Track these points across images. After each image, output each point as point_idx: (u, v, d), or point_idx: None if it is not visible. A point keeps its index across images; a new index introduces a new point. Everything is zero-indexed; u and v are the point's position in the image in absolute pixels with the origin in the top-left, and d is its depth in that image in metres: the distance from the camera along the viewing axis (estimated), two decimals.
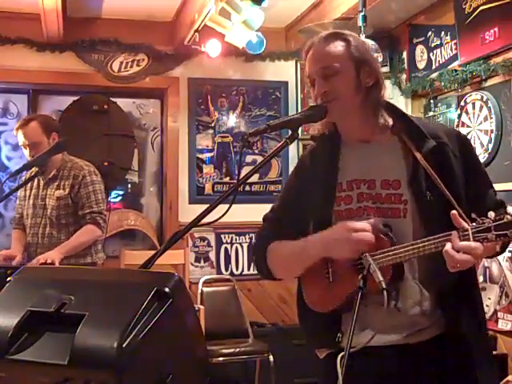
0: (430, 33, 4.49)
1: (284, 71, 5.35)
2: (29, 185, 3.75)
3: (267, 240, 1.93)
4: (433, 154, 1.75)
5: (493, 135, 3.87)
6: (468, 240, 1.57)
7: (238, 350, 4.45)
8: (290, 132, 1.68)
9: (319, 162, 1.90)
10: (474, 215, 1.59)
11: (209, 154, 5.26)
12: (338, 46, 1.80)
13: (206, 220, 1.54)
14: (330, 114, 1.78)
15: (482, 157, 3.90)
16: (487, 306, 3.84)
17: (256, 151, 5.31)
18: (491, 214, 1.55)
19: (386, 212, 1.77)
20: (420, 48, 4.62)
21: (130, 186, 5.43)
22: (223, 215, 1.54)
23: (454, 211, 1.60)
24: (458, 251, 1.56)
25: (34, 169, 3.61)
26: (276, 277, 1.95)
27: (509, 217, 1.53)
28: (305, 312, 1.90)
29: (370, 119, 1.83)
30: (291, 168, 2.01)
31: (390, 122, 1.83)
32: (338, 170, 1.85)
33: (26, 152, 3.64)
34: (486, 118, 3.93)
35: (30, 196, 3.73)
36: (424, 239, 1.64)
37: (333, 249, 1.72)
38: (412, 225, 1.74)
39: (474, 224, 1.57)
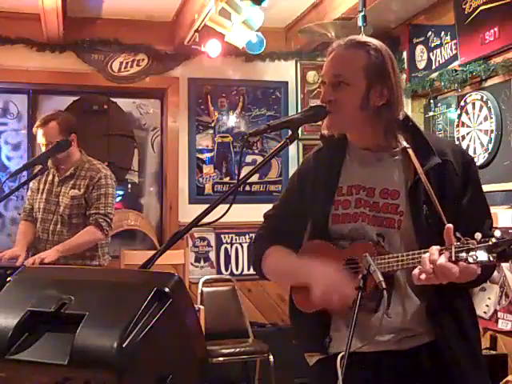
0: (430, 33, 4.49)
1: (284, 71, 5.35)
2: (43, 179, 3.73)
3: (265, 240, 1.95)
4: (435, 170, 1.73)
5: (493, 135, 3.87)
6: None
7: (237, 350, 4.46)
8: (290, 132, 1.67)
9: (323, 164, 1.89)
10: (458, 234, 1.56)
11: (209, 154, 5.26)
12: (356, 57, 1.75)
13: (206, 220, 1.54)
14: (329, 124, 1.77)
15: (482, 157, 3.90)
16: (487, 306, 3.84)
17: (256, 151, 5.30)
18: (478, 235, 1.51)
19: (382, 221, 1.76)
20: (420, 48, 4.62)
21: (129, 186, 5.43)
22: (223, 215, 1.54)
23: (449, 224, 1.57)
24: (431, 263, 1.53)
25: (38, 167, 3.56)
26: (268, 279, 2.00)
27: (493, 240, 1.49)
28: (294, 313, 1.91)
29: (380, 137, 1.78)
30: (291, 168, 2.02)
31: (404, 143, 1.77)
32: (340, 174, 1.85)
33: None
34: (485, 118, 3.93)
35: (43, 190, 3.71)
36: (408, 253, 1.64)
37: (314, 285, 1.71)
38: (405, 237, 1.73)
39: (458, 243, 1.54)
